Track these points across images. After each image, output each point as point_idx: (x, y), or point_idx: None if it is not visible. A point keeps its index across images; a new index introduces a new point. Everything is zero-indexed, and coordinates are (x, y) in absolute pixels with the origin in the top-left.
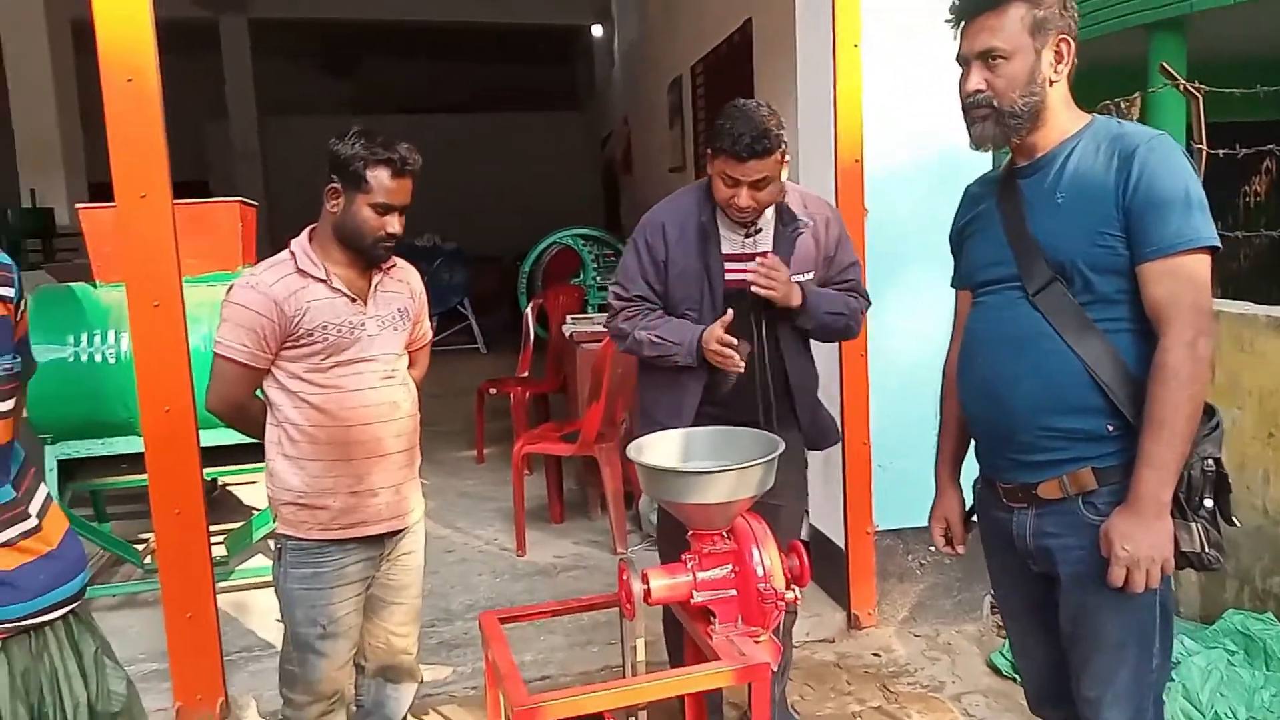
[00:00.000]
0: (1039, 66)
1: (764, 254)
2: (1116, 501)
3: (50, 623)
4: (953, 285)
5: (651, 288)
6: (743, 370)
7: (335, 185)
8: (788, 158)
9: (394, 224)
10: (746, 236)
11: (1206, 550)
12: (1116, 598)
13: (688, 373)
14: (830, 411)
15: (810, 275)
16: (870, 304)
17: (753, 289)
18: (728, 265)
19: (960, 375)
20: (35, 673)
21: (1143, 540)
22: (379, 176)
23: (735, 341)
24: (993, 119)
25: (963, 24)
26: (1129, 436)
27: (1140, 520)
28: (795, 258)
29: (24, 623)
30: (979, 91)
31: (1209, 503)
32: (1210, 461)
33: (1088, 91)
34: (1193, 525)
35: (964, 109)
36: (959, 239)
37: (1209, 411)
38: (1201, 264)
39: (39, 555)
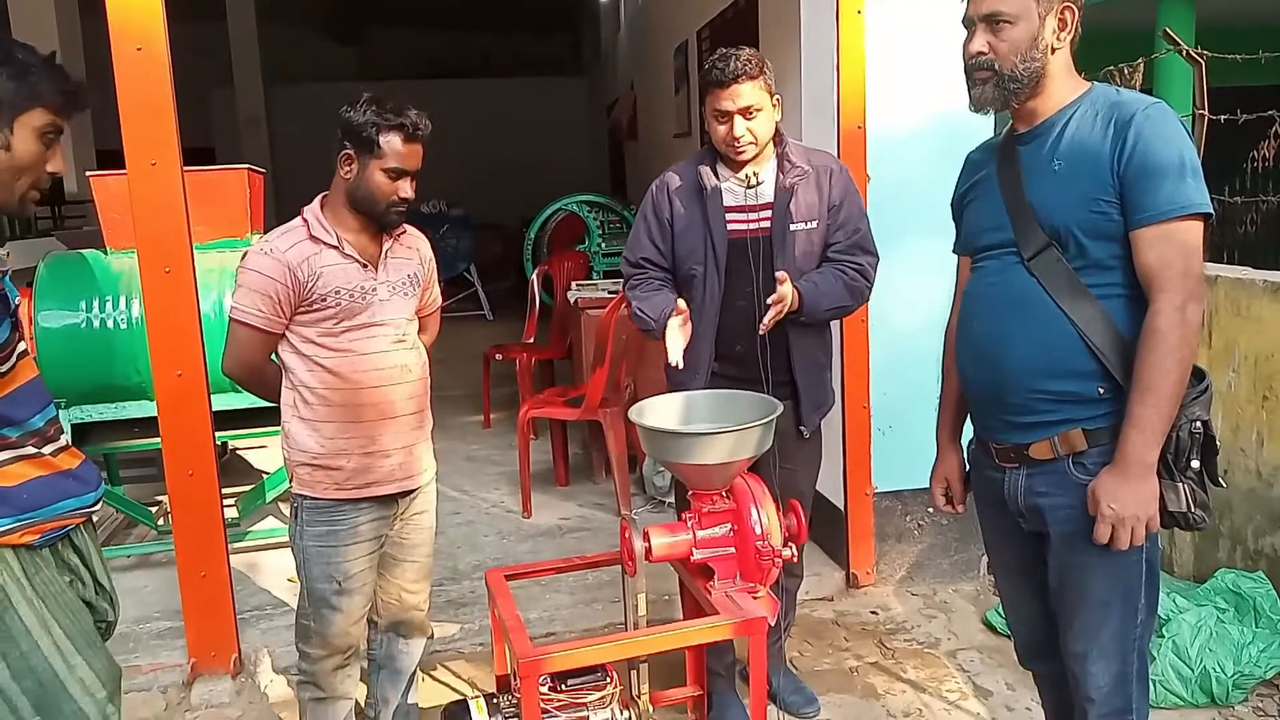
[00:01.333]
0: (1042, 32)
1: (767, 204)
2: (1105, 462)
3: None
4: (954, 251)
5: (658, 248)
6: (679, 365)
7: (349, 151)
8: (779, 99)
9: (406, 189)
10: (748, 188)
11: (1193, 510)
12: (1103, 555)
13: (701, 328)
14: (832, 390)
15: (814, 224)
16: (878, 259)
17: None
18: (730, 217)
19: (958, 338)
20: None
21: (1128, 499)
22: (391, 141)
23: (676, 342)
24: (993, 82)
25: None
26: (1119, 399)
27: (1126, 480)
28: (797, 205)
29: (93, 510)
30: (981, 54)
31: (1195, 464)
32: (1198, 424)
33: (1095, 57)
34: (1179, 485)
35: (966, 70)
36: (960, 205)
37: (1198, 375)
38: (1193, 230)
39: (82, 459)
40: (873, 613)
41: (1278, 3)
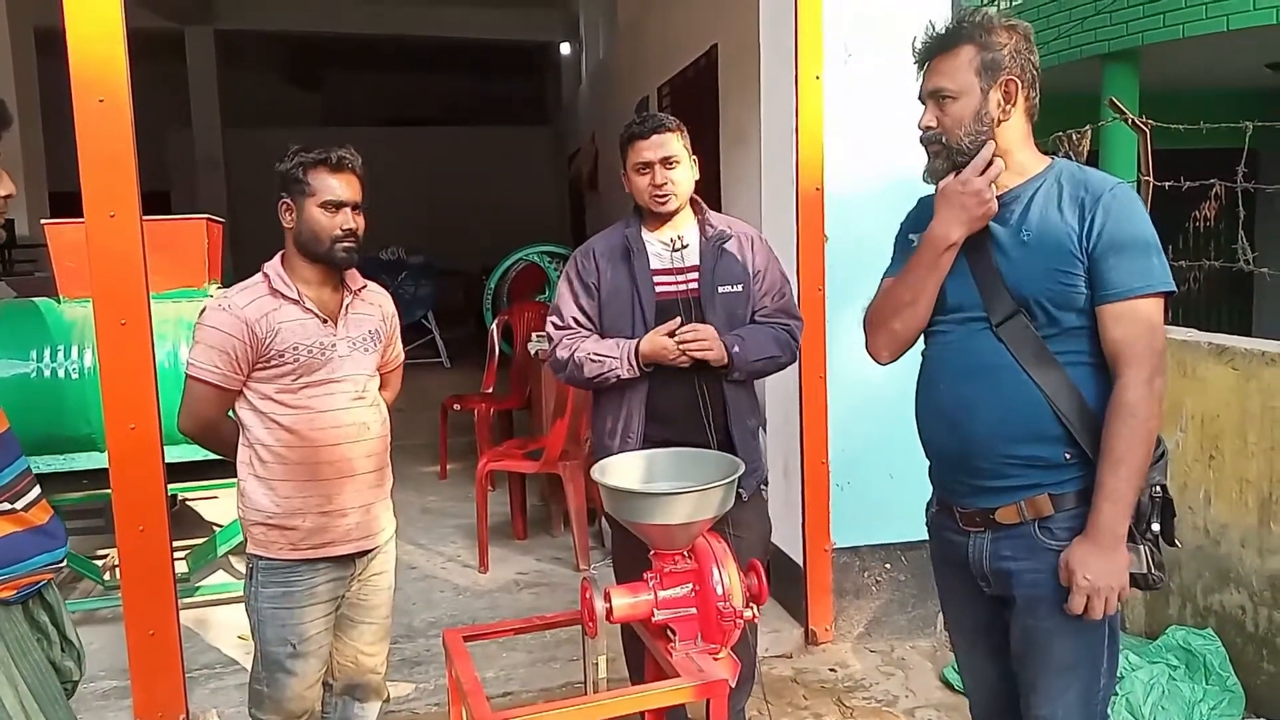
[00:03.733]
0: (986, 106)
1: (694, 267)
2: (1071, 526)
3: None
4: (886, 275)
5: (585, 313)
6: (682, 360)
7: (285, 200)
8: (696, 160)
9: (348, 220)
10: (674, 250)
11: (1152, 571)
12: (1069, 621)
13: (630, 393)
14: (764, 456)
15: (739, 287)
16: (802, 323)
17: (686, 354)
18: (657, 279)
19: (919, 402)
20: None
21: (1101, 570)
22: (319, 176)
23: (669, 330)
24: (944, 154)
25: (923, 67)
26: (1084, 465)
27: (1099, 550)
28: (721, 269)
29: (62, 566)
30: (930, 128)
31: (1155, 526)
32: (1158, 488)
33: (1042, 122)
34: (1140, 548)
35: (921, 143)
36: (904, 241)
37: (1157, 441)
38: (1157, 307)
39: (51, 513)
40: (831, 670)
41: (1217, 68)
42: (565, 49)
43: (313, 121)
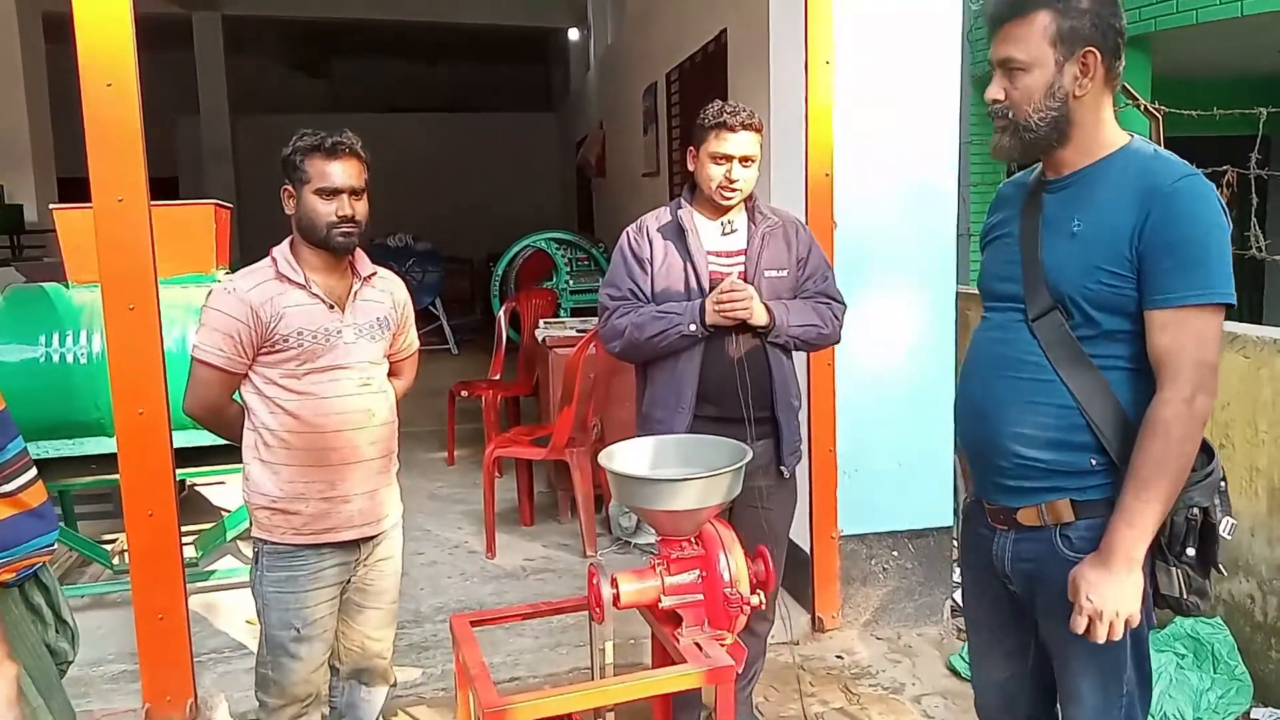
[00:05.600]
0: (1060, 79)
1: (741, 250)
2: (1091, 537)
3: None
4: (975, 283)
5: (638, 286)
6: (750, 314)
7: (286, 186)
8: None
9: (345, 207)
10: (723, 234)
11: (1186, 597)
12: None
13: (683, 360)
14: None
15: (784, 273)
16: (845, 307)
17: (723, 316)
18: (709, 257)
19: (958, 389)
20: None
21: (1109, 594)
22: (315, 162)
23: (738, 284)
24: (1010, 130)
25: (993, 32)
26: (1112, 472)
27: (1110, 574)
28: (769, 254)
29: (53, 549)
30: (996, 101)
31: (1191, 551)
32: (1195, 510)
33: None
34: (1173, 570)
35: (988, 116)
36: (985, 240)
37: (1207, 454)
38: (1211, 320)
39: (45, 496)
40: (838, 657)
41: (1230, 54)
42: (573, 35)
43: (320, 108)
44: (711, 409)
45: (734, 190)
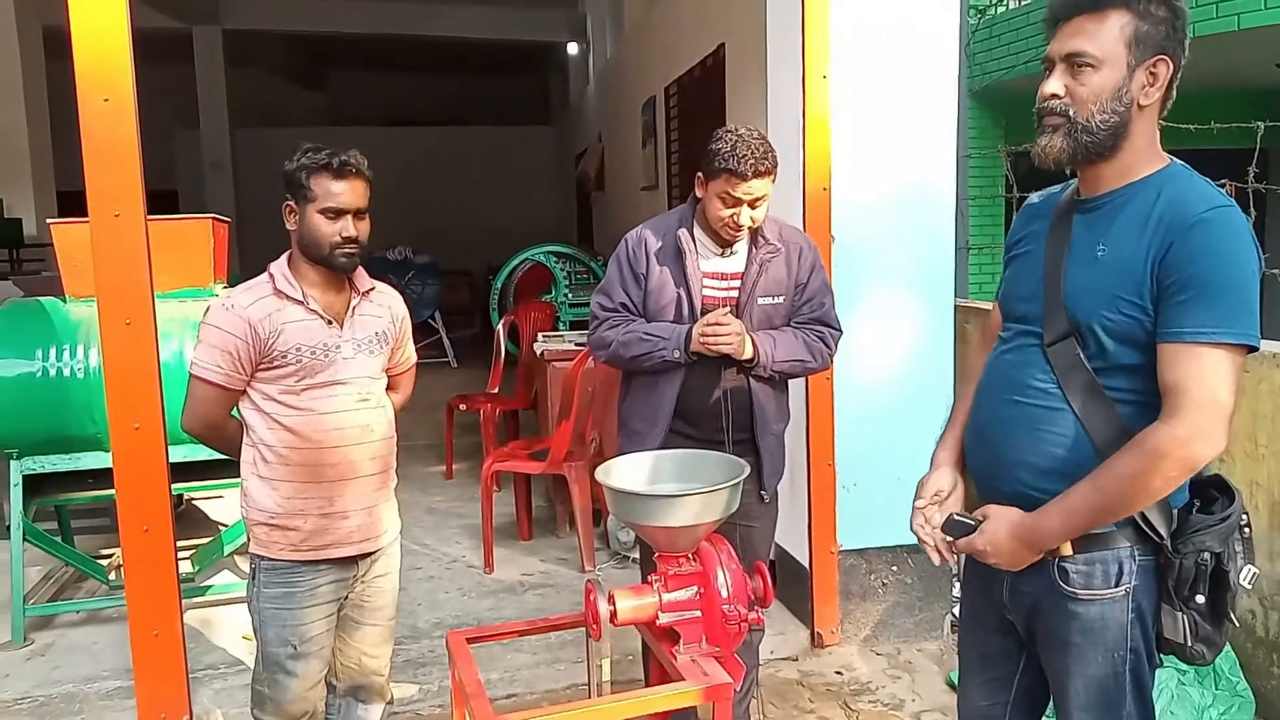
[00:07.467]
0: (1129, 84)
1: (738, 274)
2: (1087, 572)
3: None
4: (994, 297)
5: (631, 299)
6: (735, 349)
7: (289, 202)
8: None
9: (349, 228)
10: (722, 256)
11: (1192, 644)
12: (1079, 664)
13: (664, 380)
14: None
15: (780, 299)
16: (841, 333)
17: (707, 348)
18: (704, 282)
19: (972, 407)
20: None
21: (1002, 550)
22: (321, 182)
23: (726, 318)
24: (1064, 130)
25: (1057, 24)
26: None
27: (1014, 539)
28: (765, 281)
29: None
30: (1056, 97)
31: (1200, 598)
32: (1206, 555)
33: None
34: (1179, 615)
35: (1037, 114)
36: (1008, 253)
37: (1226, 496)
38: (1224, 360)
39: None
40: (837, 673)
41: (1227, 67)
42: (572, 49)
43: (319, 121)
44: (689, 429)
45: (737, 232)
